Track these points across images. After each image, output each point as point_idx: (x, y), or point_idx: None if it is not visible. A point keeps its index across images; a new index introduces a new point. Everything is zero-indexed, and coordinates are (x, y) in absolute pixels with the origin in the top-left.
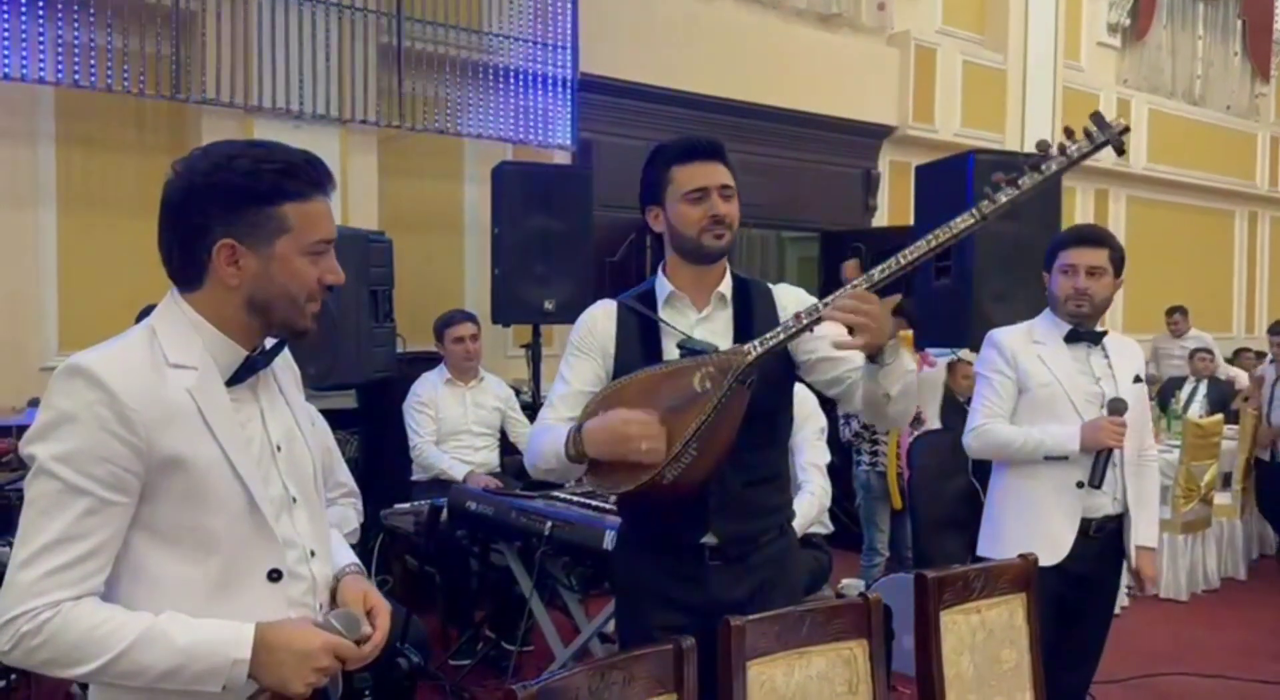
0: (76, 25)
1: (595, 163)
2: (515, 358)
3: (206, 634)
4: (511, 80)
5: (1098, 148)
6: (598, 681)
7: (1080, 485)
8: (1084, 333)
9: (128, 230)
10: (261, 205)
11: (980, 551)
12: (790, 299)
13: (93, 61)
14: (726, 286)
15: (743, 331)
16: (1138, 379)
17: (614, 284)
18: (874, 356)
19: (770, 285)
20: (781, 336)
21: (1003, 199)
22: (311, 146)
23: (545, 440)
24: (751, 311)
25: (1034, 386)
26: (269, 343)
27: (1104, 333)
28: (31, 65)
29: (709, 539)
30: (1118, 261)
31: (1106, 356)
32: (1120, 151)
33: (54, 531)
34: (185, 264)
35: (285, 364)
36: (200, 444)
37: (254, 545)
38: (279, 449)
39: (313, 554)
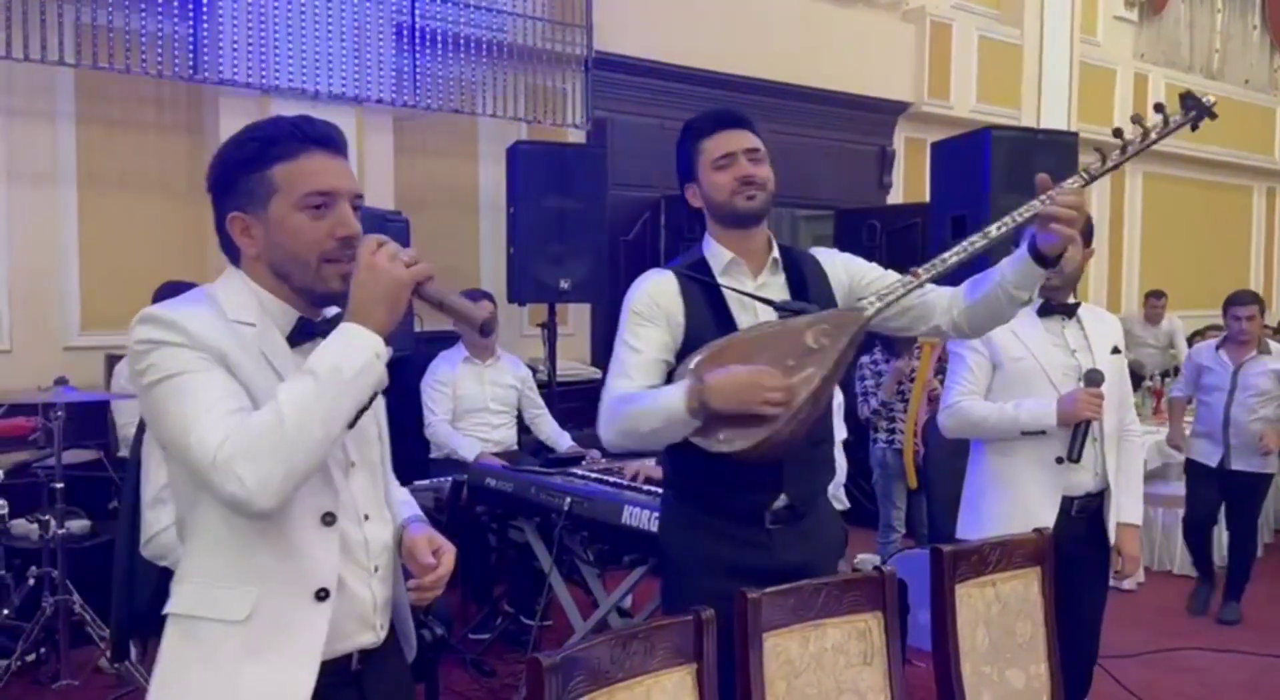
0: (95, 7)
1: (609, 142)
2: (530, 336)
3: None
4: (526, 59)
5: (1190, 120)
6: (619, 651)
7: (1060, 461)
8: (1056, 306)
9: (147, 210)
10: (251, 172)
11: (960, 534)
12: (833, 260)
13: (111, 43)
14: (777, 252)
15: (798, 295)
16: (1115, 350)
17: (629, 263)
18: (1048, 260)
19: (816, 250)
20: (900, 291)
21: (1110, 162)
22: None
23: (642, 403)
24: (804, 275)
25: (1007, 361)
26: (330, 312)
27: (1077, 304)
28: (51, 47)
29: (781, 500)
30: (1087, 232)
31: (1082, 328)
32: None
33: (192, 401)
34: (222, 241)
35: None
36: (261, 378)
37: (310, 484)
38: None
39: (366, 517)
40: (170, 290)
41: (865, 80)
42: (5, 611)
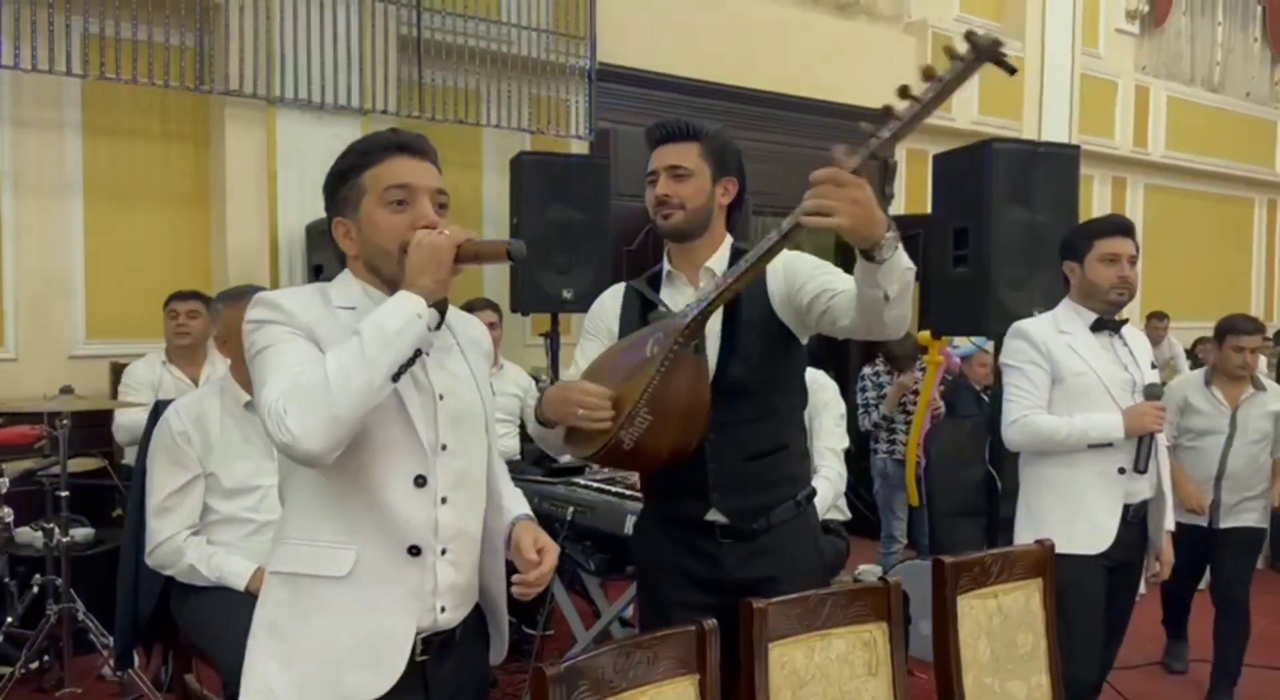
0: (102, 18)
1: (613, 152)
2: (534, 346)
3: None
4: (530, 71)
5: (970, 68)
6: (622, 661)
7: (1122, 471)
8: (1109, 322)
9: (153, 220)
10: (346, 180)
11: (1019, 544)
12: (781, 267)
13: (118, 53)
14: (717, 261)
15: (729, 306)
16: (1153, 365)
17: (632, 273)
18: (870, 254)
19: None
20: (713, 294)
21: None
22: (332, 137)
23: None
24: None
25: (1068, 376)
26: None
27: (1125, 321)
28: (59, 57)
29: (713, 515)
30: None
31: (1126, 344)
32: (998, 63)
33: (273, 365)
34: (335, 249)
35: (469, 332)
36: None
37: (400, 448)
38: (440, 398)
39: (444, 500)
40: (178, 298)
41: (867, 92)
42: (9, 619)
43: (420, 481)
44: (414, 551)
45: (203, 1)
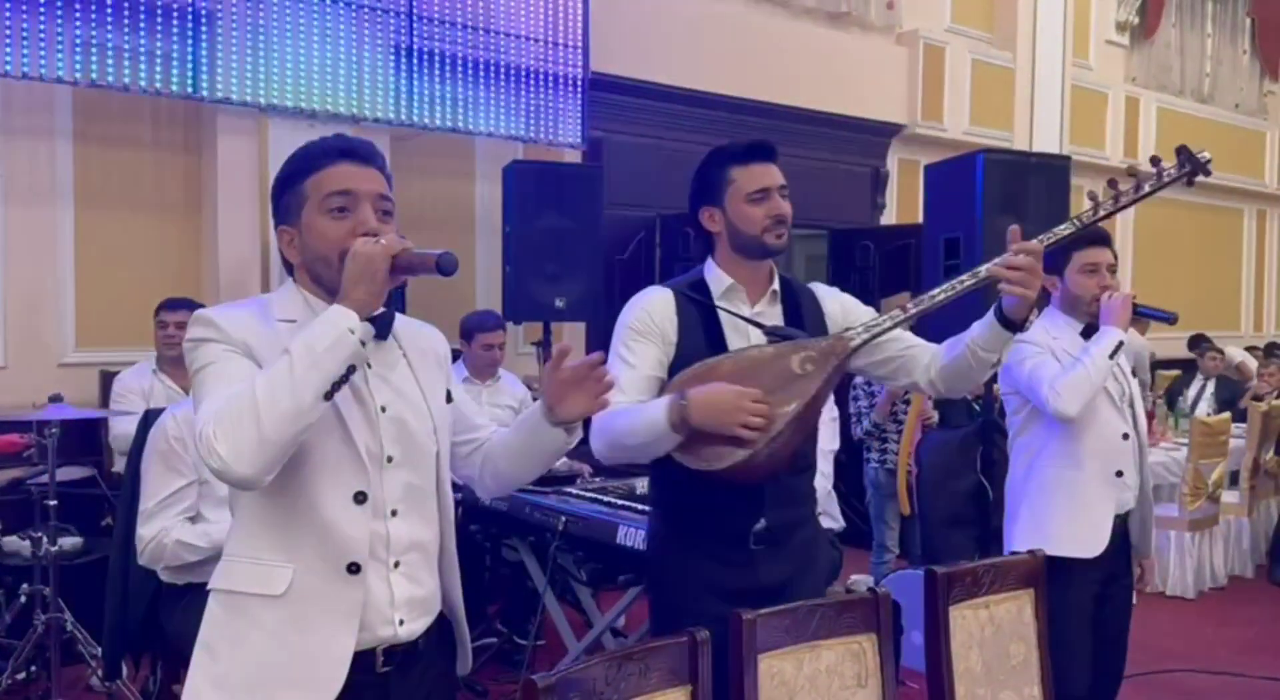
0: (94, 24)
1: (605, 161)
2: (525, 354)
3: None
4: (522, 79)
5: (1185, 175)
6: (614, 672)
7: (1119, 474)
8: (1095, 330)
9: (144, 227)
10: (288, 188)
11: (1018, 547)
12: (830, 296)
13: (109, 61)
14: (777, 284)
15: (792, 324)
16: (1134, 372)
17: (624, 282)
18: (1018, 325)
19: (814, 285)
20: (888, 325)
21: (1102, 211)
22: None
23: (630, 417)
24: (800, 307)
25: None
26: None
27: None
28: (49, 64)
29: (761, 524)
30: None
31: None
32: (1196, 175)
33: (209, 387)
34: (282, 256)
35: (419, 343)
36: None
37: (339, 465)
38: (383, 410)
39: (394, 513)
40: (168, 307)
41: (859, 102)
42: None
43: (360, 498)
44: (353, 569)
45: (195, 9)
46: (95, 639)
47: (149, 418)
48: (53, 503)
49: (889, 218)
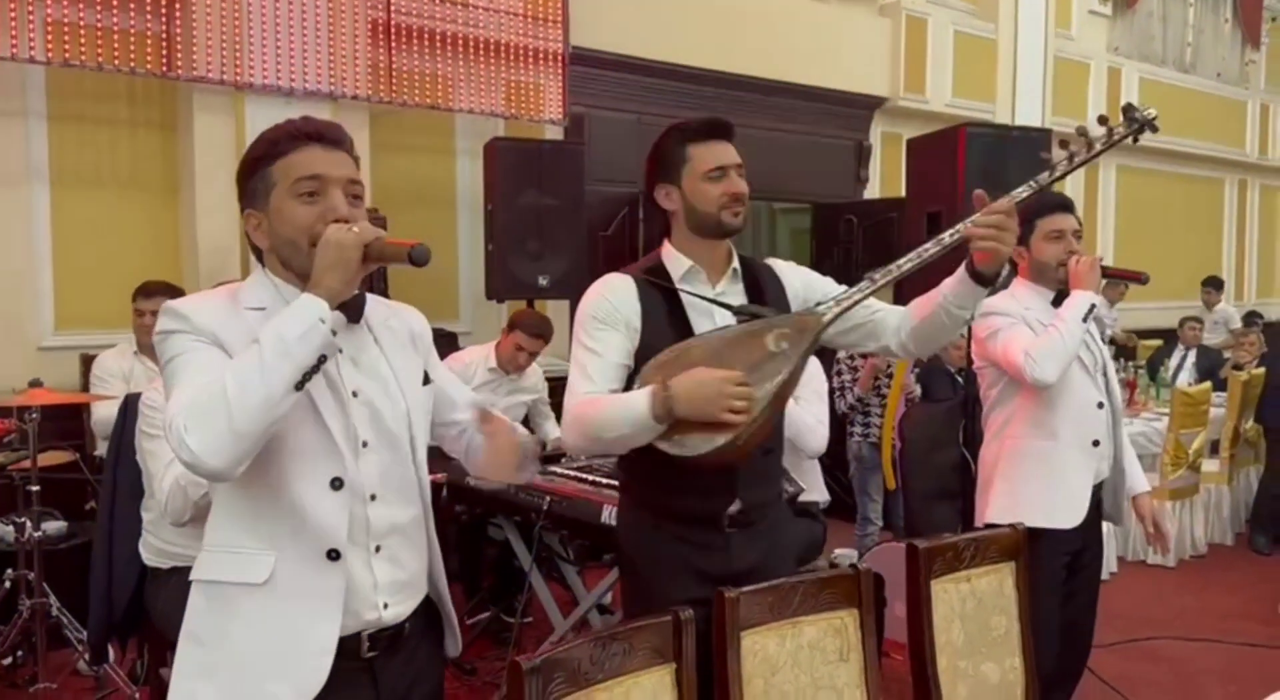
0: (65, 3)
1: (587, 136)
2: None
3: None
4: (502, 54)
5: (1132, 132)
6: (599, 652)
7: (1096, 443)
8: (1065, 297)
9: (122, 208)
10: (256, 171)
11: (994, 520)
12: (789, 270)
13: (82, 39)
14: (737, 262)
15: (757, 304)
16: (1111, 341)
17: (608, 258)
18: (989, 279)
19: (771, 261)
20: (857, 296)
21: (1059, 171)
22: None
23: (606, 408)
24: (762, 285)
25: None
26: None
27: None
28: (22, 44)
29: (735, 506)
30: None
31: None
32: (1142, 132)
33: (179, 378)
34: (250, 241)
35: (391, 324)
36: None
37: (314, 452)
38: (355, 394)
39: (373, 497)
40: (144, 295)
41: (842, 75)
42: None
43: (337, 484)
44: (333, 555)
45: None
46: (81, 623)
47: (129, 403)
48: (35, 488)
49: (872, 191)
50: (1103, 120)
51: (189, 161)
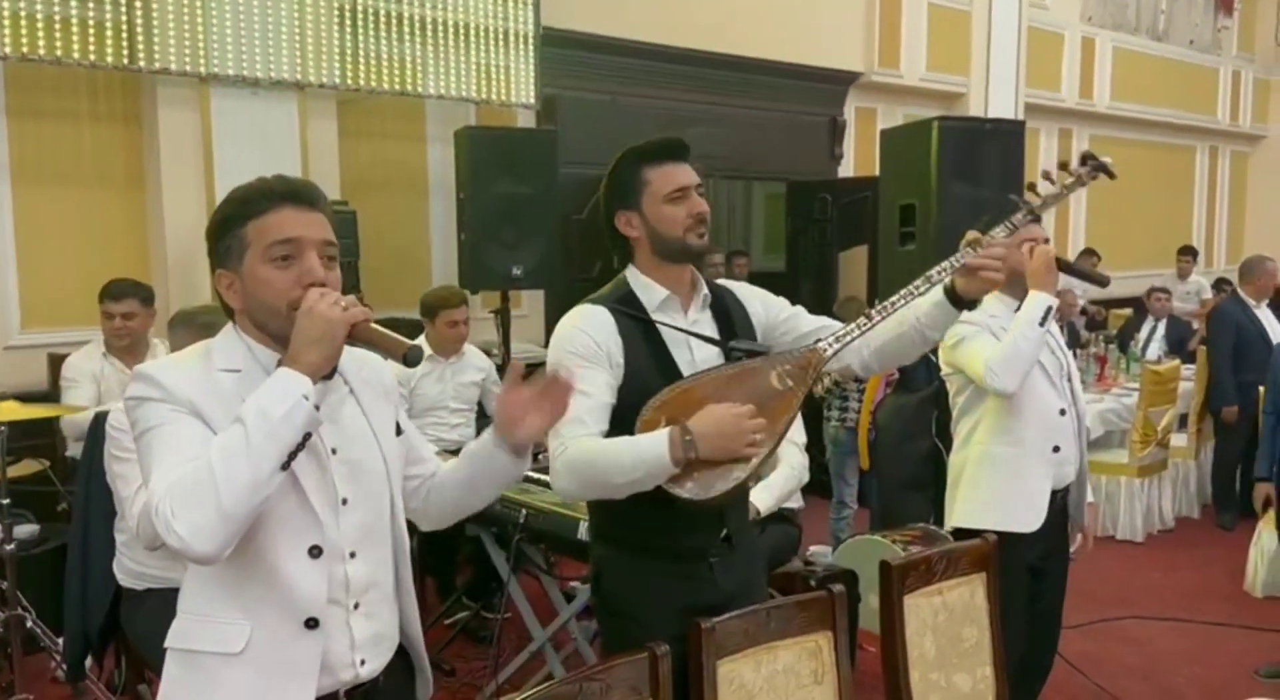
0: None
1: (559, 119)
2: (484, 320)
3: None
4: (472, 37)
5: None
6: (574, 691)
7: (1056, 449)
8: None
9: (85, 203)
10: (228, 231)
11: (959, 523)
12: (749, 294)
13: (39, 31)
14: (705, 289)
15: (726, 332)
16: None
17: (583, 241)
18: (969, 303)
19: (728, 283)
20: (856, 332)
21: (1031, 214)
22: (269, 113)
23: (613, 453)
24: (729, 311)
25: None
26: None
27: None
28: None
29: (722, 534)
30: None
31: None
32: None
33: (158, 453)
34: (220, 299)
35: (364, 375)
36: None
37: (293, 520)
38: (334, 452)
39: (352, 555)
40: (112, 297)
41: (815, 50)
42: None
43: (315, 552)
44: (311, 624)
45: None
46: (56, 631)
47: (98, 422)
48: (5, 501)
49: (846, 168)
50: (1063, 165)
51: (154, 155)
